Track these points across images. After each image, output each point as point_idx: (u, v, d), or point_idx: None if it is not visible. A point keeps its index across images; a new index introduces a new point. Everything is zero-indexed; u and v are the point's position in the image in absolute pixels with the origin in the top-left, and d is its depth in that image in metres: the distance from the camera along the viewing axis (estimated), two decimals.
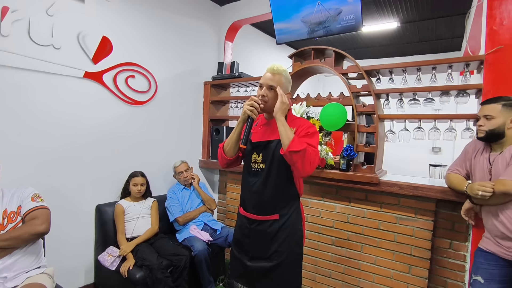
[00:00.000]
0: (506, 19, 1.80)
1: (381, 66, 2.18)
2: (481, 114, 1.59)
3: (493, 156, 1.57)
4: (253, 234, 1.49)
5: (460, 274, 1.96)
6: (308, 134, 1.43)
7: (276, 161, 1.44)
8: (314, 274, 2.46)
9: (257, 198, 1.48)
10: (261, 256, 1.49)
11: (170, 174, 2.90)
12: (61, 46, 2.12)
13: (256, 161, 1.49)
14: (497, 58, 1.81)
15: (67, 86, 2.19)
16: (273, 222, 1.47)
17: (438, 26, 3.94)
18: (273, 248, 1.47)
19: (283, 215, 1.48)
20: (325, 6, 2.53)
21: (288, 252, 1.48)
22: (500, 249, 1.51)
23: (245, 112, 1.41)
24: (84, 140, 2.31)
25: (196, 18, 3.19)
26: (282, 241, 1.47)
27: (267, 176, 1.46)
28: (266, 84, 1.45)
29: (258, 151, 1.48)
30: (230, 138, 1.50)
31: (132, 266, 2.10)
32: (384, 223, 2.16)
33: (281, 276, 1.48)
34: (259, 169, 1.48)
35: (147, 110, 2.75)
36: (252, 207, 1.49)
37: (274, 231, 1.47)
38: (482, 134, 1.57)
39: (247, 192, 1.53)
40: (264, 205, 1.46)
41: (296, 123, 1.49)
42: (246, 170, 1.56)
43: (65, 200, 2.21)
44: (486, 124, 1.54)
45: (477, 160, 1.65)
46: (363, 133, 2.29)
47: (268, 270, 1.48)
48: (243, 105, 1.43)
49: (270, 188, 1.46)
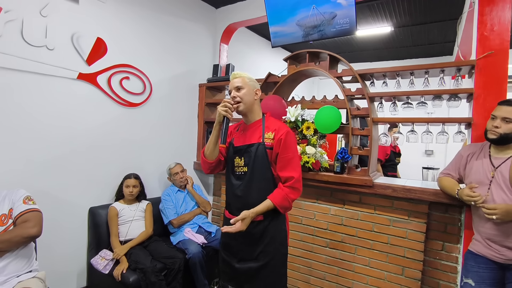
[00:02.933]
0: (496, 25, 1.84)
1: (375, 70, 2.21)
2: (498, 115, 1.50)
3: (497, 160, 1.54)
4: (240, 236, 1.50)
5: (452, 276, 1.99)
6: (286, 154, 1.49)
7: (257, 164, 1.49)
8: (308, 276, 2.47)
9: (242, 200, 1.52)
10: (249, 257, 1.54)
11: (164, 177, 2.88)
12: (55, 47, 2.10)
13: (238, 165, 1.54)
14: (488, 63, 1.85)
15: (61, 87, 2.17)
16: (258, 223, 1.50)
17: (430, 31, 4.00)
18: (260, 249, 1.52)
19: (267, 216, 1.51)
20: (320, 10, 2.55)
21: (273, 252, 1.53)
22: (490, 251, 1.53)
23: (220, 113, 1.48)
24: (78, 141, 2.28)
25: (192, 20, 3.19)
26: (268, 241, 1.52)
27: (250, 179, 1.51)
28: (233, 87, 1.55)
29: (240, 155, 1.54)
30: (209, 142, 1.54)
31: (125, 269, 2.08)
32: (378, 225, 2.17)
33: (268, 277, 1.52)
34: (242, 172, 1.53)
35: (142, 112, 2.74)
36: (237, 209, 1.50)
37: (259, 232, 1.51)
38: (495, 136, 1.51)
39: (232, 195, 1.58)
40: (249, 207, 1.46)
41: (272, 126, 1.55)
42: (230, 174, 1.59)
43: (57, 202, 2.18)
44: (503, 127, 1.48)
45: (472, 164, 1.65)
46: (357, 136, 2.31)
47: (255, 271, 1.52)
48: (217, 108, 1.50)
49: (254, 190, 1.50)
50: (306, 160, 2.24)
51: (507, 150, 1.54)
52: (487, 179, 1.55)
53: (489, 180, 1.54)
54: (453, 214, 1.98)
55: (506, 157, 1.51)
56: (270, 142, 1.50)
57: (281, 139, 1.49)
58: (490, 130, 1.54)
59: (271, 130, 1.53)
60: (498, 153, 1.57)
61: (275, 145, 1.49)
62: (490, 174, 1.54)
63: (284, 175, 1.49)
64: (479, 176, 1.59)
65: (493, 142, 1.57)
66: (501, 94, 1.79)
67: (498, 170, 1.52)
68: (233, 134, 1.64)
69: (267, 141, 1.51)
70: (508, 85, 1.84)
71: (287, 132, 1.51)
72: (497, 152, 1.57)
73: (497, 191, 1.50)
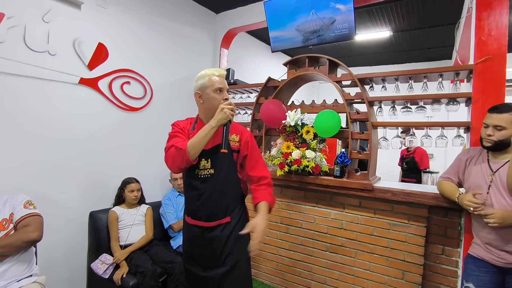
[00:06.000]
0: (494, 30, 1.86)
1: (374, 74, 2.22)
2: (490, 123, 1.53)
3: (495, 164, 1.56)
4: (207, 243, 1.48)
5: (453, 280, 1.98)
6: (255, 155, 1.55)
7: (225, 166, 1.47)
8: (309, 281, 2.46)
9: (208, 204, 1.47)
10: (216, 263, 1.48)
11: (165, 181, 2.89)
12: (57, 53, 2.12)
13: (205, 167, 1.46)
14: (486, 68, 1.86)
15: (62, 92, 2.18)
16: (225, 225, 1.48)
17: (429, 35, 4.03)
18: (227, 252, 1.47)
19: (234, 217, 1.50)
20: (319, 15, 2.58)
21: (240, 254, 1.49)
22: (490, 255, 1.53)
23: (228, 116, 1.39)
24: (79, 146, 2.30)
25: (192, 26, 3.22)
26: (234, 242, 1.48)
27: (217, 181, 1.46)
28: (226, 88, 1.52)
29: (207, 157, 1.46)
30: (199, 142, 1.37)
31: (125, 273, 2.08)
32: (378, 229, 2.17)
33: (236, 280, 1.48)
34: (208, 175, 1.46)
35: (143, 116, 2.75)
36: (203, 214, 1.47)
37: (227, 234, 1.48)
38: (490, 143, 1.53)
39: (196, 200, 1.48)
40: (216, 210, 1.46)
41: (234, 129, 1.54)
42: (191, 179, 1.50)
43: (58, 207, 2.19)
44: (496, 135, 1.50)
45: (471, 168, 1.66)
46: (356, 140, 2.32)
47: (223, 277, 1.47)
48: (222, 109, 1.39)
49: (221, 192, 1.47)
50: (306, 164, 2.25)
51: (505, 154, 1.54)
52: (485, 183, 1.56)
53: (487, 184, 1.55)
54: (453, 218, 1.98)
55: (504, 161, 1.52)
56: (236, 144, 1.51)
57: (248, 141, 1.53)
58: (484, 138, 1.56)
59: (234, 133, 1.52)
60: (496, 157, 1.57)
61: (243, 147, 1.52)
62: (489, 178, 1.55)
63: (256, 174, 1.51)
64: (478, 180, 1.60)
65: (489, 149, 1.58)
66: (500, 98, 1.80)
67: (497, 174, 1.53)
68: (189, 135, 1.52)
69: (233, 144, 1.50)
70: (507, 89, 1.85)
71: (251, 135, 1.57)
72: (495, 156, 1.58)
73: (496, 195, 1.51)
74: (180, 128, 1.53)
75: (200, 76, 1.53)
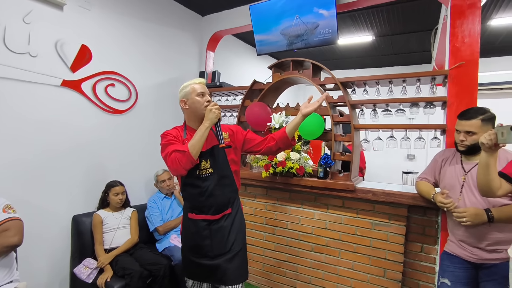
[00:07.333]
0: (467, 37, 1.96)
1: (355, 78, 2.29)
2: (461, 129, 1.59)
3: (468, 165, 1.64)
4: (214, 233, 1.65)
5: (431, 276, 2.06)
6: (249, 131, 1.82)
7: (221, 164, 1.66)
8: (294, 280, 2.50)
9: (213, 199, 1.64)
10: (223, 251, 1.65)
11: (150, 184, 2.87)
12: (38, 54, 2.09)
13: (205, 167, 1.64)
14: (460, 73, 1.95)
15: (44, 94, 2.15)
16: (228, 215, 1.68)
17: (409, 40, 4.17)
18: (232, 239, 1.67)
19: (233, 208, 1.71)
20: (303, 20, 2.64)
21: (242, 240, 1.72)
22: (464, 252, 1.61)
23: (217, 115, 1.56)
24: (61, 149, 2.26)
25: (178, 28, 3.22)
26: (237, 230, 1.70)
27: (217, 178, 1.64)
28: (207, 92, 1.69)
29: (206, 158, 1.63)
30: (198, 142, 1.52)
31: (109, 278, 2.06)
32: (360, 229, 2.24)
33: (240, 264, 1.69)
34: (208, 173, 1.64)
35: (127, 118, 2.73)
36: (209, 209, 1.65)
37: (230, 223, 1.68)
38: (463, 148, 1.61)
39: (201, 197, 1.64)
40: (220, 204, 1.66)
41: (224, 128, 1.72)
42: (193, 178, 1.65)
43: (39, 211, 2.14)
44: (468, 139, 1.57)
45: (446, 169, 1.74)
46: (340, 142, 2.38)
47: (229, 261, 1.65)
48: (211, 110, 1.56)
49: (222, 188, 1.66)
50: (291, 166, 2.29)
51: (477, 155, 1.62)
52: (459, 183, 1.64)
53: (460, 184, 1.63)
54: (430, 217, 2.06)
55: (476, 162, 1.60)
56: (227, 141, 1.71)
57: (237, 130, 1.79)
58: (458, 143, 1.64)
59: (224, 131, 1.72)
60: (469, 158, 1.65)
61: (237, 138, 1.75)
62: (462, 179, 1.63)
63: (263, 138, 1.77)
64: (452, 181, 1.67)
65: (463, 153, 1.66)
66: (472, 102, 1.89)
67: (469, 174, 1.61)
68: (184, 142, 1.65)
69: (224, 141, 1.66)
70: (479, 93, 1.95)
71: (237, 127, 1.82)
72: (467, 157, 1.66)
73: (468, 194, 1.59)
74: (173, 136, 1.65)
75: (183, 86, 1.71)
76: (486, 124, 1.53)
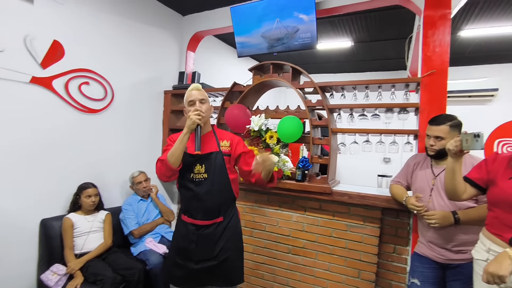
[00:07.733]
0: (438, 47, 2.05)
1: (333, 83, 2.34)
2: (431, 134, 1.67)
3: (437, 169, 1.71)
4: (200, 239, 1.65)
5: (402, 276, 2.13)
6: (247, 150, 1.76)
7: (217, 170, 1.65)
8: (271, 283, 2.50)
9: (203, 204, 1.64)
10: (208, 257, 1.65)
11: (126, 186, 2.79)
12: (5, 49, 1.98)
13: (199, 172, 1.64)
14: (431, 81, 2.04)
15: (11, 91, 2.03)
16: (218, 224, 1.67)
17: (386, 47, 4.31)
18: (219, 247, 1.66)
19: (226, 217, 1.70)
20: (283, 23, 2.66)
21: (232, 248, 1.70)
22: (433, 252, 1.67)
23: (195, 121, 1.54)
24: (30, 150, 2.15)
25: (158, 26, 3.15)
26: (227, 239, 1.68)
27: (211, 183, 1.64)
28: (198, 99, 1.65)
29: (201, 162, 1.64)
30: (176, 149, 1.54)
31: (79, 284, 1.97)
32: (336, 231, 2.28)
33: (228, 270, 1.68)
34: (202, 178, 1.64)
35: (103, 118, 2.64)
36: (198, 214, 1.65)
37: (220, 231, 1.67)
38: (433, 152, 1.68)
39: (192, 201, 1.66)
40: (210, 211, 1.65)
41: (225, 136, 1.75)
42: (186, 182, 1.66)
43: (4, 214, 2.02)
44: (437, 144, 1.65)
45: (417, 172, 1.81)
46: (318, 145, 2.41)
47: (215, 267, 1.66)
48: (189, 117, 1.55)
49: (214, 194, 1.64)
50: None
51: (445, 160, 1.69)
52: (428, 187, 1.71)
53: (430, 188, 1.70)
54: (403, 219, 2.13)
55: (444, 167, 1.67)
56: (227, 149, 1.71)
57: (239, 143, 1.76)
58: (428, 147, 1.71)
59: (225, 139, 1.74)
60: (439, 163, 1.73)
61: (236, 149, 1.73)
62: (431, 182, 1.70)
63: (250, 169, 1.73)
64: (422, 184, 1.74)
65: (432, 158, 1.74)
66: (442, 108, 1.98)
67: (438, 178, 1.68)
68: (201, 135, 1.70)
69: (224, 149, 1.71)
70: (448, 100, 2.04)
71: (240, 139, 1.80)
72: (437, 162, 1.74)
73: (437, 197, 1.66)
74: (173, 141, 1.66)
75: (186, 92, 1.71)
76: (454, 130, 1.61)
